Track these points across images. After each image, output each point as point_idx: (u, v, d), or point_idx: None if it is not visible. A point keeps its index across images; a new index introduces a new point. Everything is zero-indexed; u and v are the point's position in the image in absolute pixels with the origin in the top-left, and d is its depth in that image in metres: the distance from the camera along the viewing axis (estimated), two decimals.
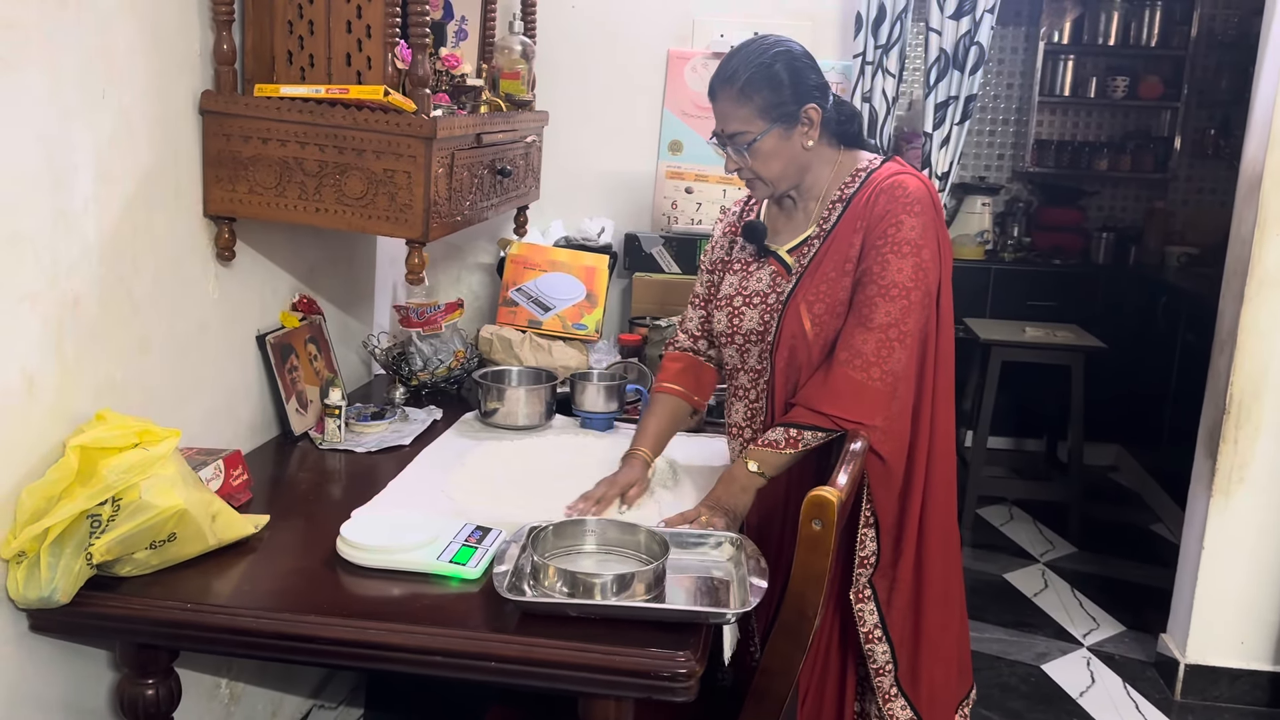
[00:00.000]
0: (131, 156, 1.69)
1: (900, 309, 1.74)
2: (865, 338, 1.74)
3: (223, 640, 1.48)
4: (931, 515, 1.85)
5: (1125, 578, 3.83)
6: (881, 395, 1.74)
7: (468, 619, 1.46)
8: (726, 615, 1.46)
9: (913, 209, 1.76)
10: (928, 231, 1.76)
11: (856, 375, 1.74)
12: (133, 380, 1.75)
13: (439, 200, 1.89)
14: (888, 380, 1.74)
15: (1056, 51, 5.14)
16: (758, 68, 1.78)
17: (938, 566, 1.85)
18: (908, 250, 1.75)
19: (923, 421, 1.81)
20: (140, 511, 1.48)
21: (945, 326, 1.84)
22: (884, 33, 2.54)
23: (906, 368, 1.76)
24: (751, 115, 1.79)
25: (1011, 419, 4.96)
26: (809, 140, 1.82)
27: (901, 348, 1.74)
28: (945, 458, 1.86)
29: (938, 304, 1.81)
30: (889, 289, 1.75)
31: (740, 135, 1.81)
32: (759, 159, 1.81)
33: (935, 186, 1.87)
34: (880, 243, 1.76)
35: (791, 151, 1.82)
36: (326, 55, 1.89)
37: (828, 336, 1.80)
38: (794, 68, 1.79)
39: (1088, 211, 5.31)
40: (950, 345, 1.86)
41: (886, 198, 1.77)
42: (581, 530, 1.63)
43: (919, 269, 1.75)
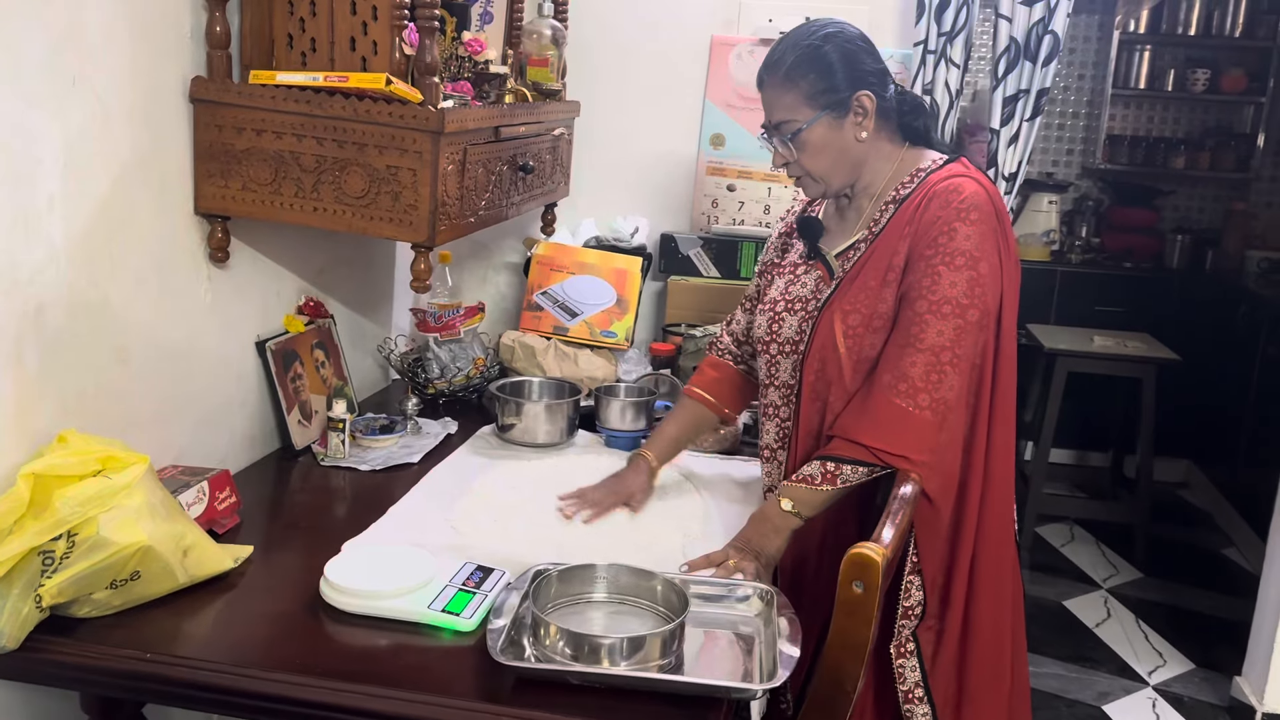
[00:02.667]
0: (107, 149, 1.54)
1: (954, 329, 1.53)
2: (914, 360, 1.54)
3: (183, 696, 1.33)
4: (984, 560, 1.64)
5: (1195, 608, 3.56)
6: (929, 427, 1.53)
7: (455, 683, 1.28)
8: (753, 691, 1.26)
9: (968, 216, 1.55)
10: (986, 242, 1.55)
11: (901, 402, 1.53)
12: (108, 393, 1.59)
13: (448, 200, 1.72)
14: (938, 409, 1.53)
15: (1132, 41, 4.84)
16: (805, 50, 1.61)
17: (987, 616, 1.64)
18: (962, 262, 1.54)
19: (975, 456, 1.60)
20: (98, 548, 1.33)
21: (1006, 351, 1.63)
22: (948, 19, 2.31)
23: (959, 396, 1.55)
24: (798, 102, 1.62)
25: (1075, 430, 4.69)
26: (863, 132, 1.63)
27: (954, 372, 1.54)
28: (1002, 498, 1.65)
29: (998, 325, 1.60)
30: (940, 305, 1.54)
31: (786, 124, 1.64)
32: (806, 151, 1.64)
33: (1000, 191, 1.65)
34: (930, 252, 1.56)
35: (843, 143, 1.63)
36: (329, 39, 1.73)
37: (862, 352, 1.61)
38: (846, 51, 1.61)
39: (1162, 212, 5.01)
40: (1011, 373, 1.65)
41: (939, 202, 1.57)
42: (591, 576, 1.44)
43: (975, 284, 1.54)
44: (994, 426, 1.63)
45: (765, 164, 2.59)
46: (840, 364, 1.62)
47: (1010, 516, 1.70)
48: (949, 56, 2.34)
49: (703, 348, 2.36)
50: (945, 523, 1.60)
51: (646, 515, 1.79)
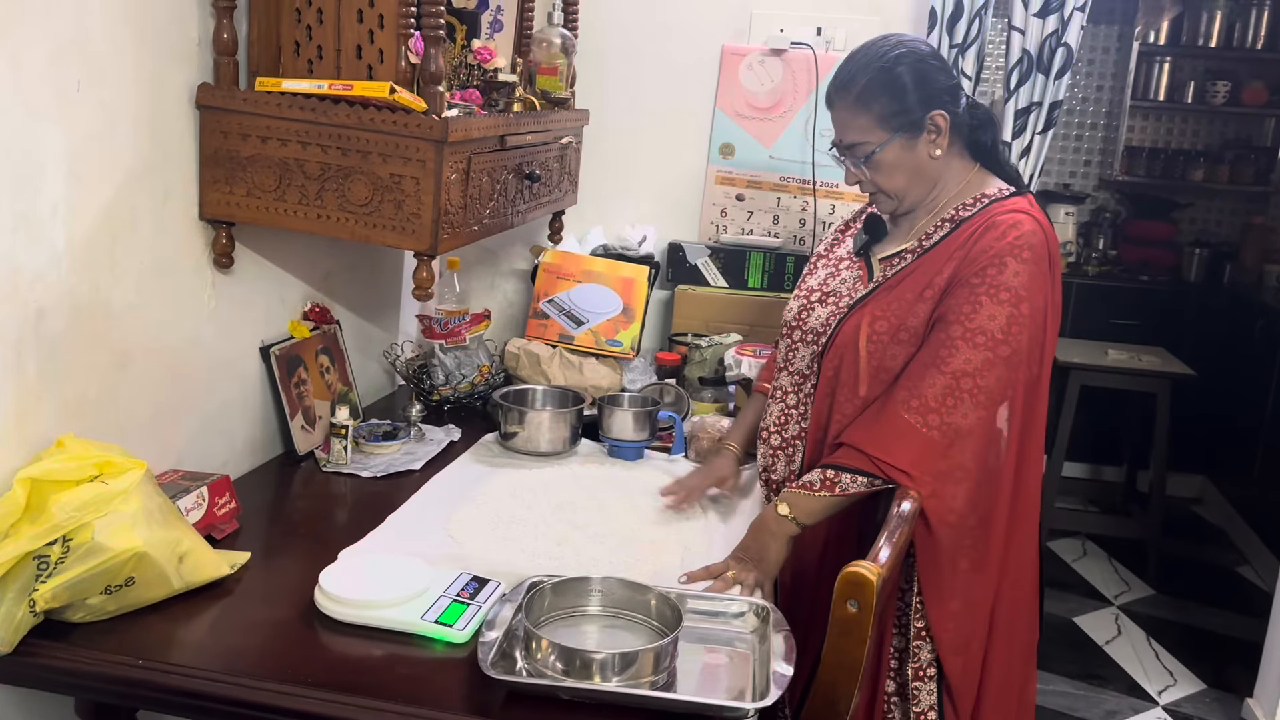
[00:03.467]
0: (112, 155, 1.54)
1: (983, 360, 1.51)
2: (933, 380, 1.53)
3: (174, 703, 1.32)
4: (1004, 601, 1.62)
5: (1207, 627, 3.52)
6: (934, 447, 1.52)
7: (446, 696, 1.28)
8: (744, 710, 1.25)
9: (1021, 253, 1.53)
10: (1035, 284, 1.53)
11: (910, 418, 1.52)
12: (109, 398, 1.60)
13: (451, 209, 1.71)
14: (945, 432, 1.52)
15: (1152, 52, 4.81)
16: (877, 72, 1.60)
17: (1001, 652, 1.62)
18: (1006, 297, 1.52)
19: (1000, 497, 1.57)
20: (93, 554, 1.33)
21: (1040, 395, 1.60)
22: (960, 30, 2.30)
23: (972, 427, 1.52)
24: (871, 124, 1.61)
25: (1089, 444, 4.66)
26: (936, 150, 1.62)
27: (971, 402, 1.52)
28: (1026, 539, 1.63)
29: (1039, 371, 1.57)
30: (974, 335, 1.52)
31: (859, 146, 1.63)
32: (880, 171, 1.64)
33: (1057, 236, 1.64)
34: (976, 281, 1.54)
35: (917, 162, 1.63)
36: (336, 47, 1.73)
37: (883, 361, 1.60)
38: (919, 70, 1.60)
39: (1180, 225, 4.97)
40: (1042, 417, 1.63)
41: (995, 234, 1.55)
42: (586, 589, 1.44)
43: (1014, 321, 1.52)
44: (1023, 466, 1.60)
45: (775, 174, 2.58)
46: (857, 367, 1.62)
47: (1033, 556, 1.68)
48: (961, 68, 2.32)
49: (708, 358, 2.35)
50: (945, 554, 1.57)
51: (647, 526, 1.78)
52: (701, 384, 2.34)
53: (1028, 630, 1.69)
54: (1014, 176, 1.69)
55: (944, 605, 1.57)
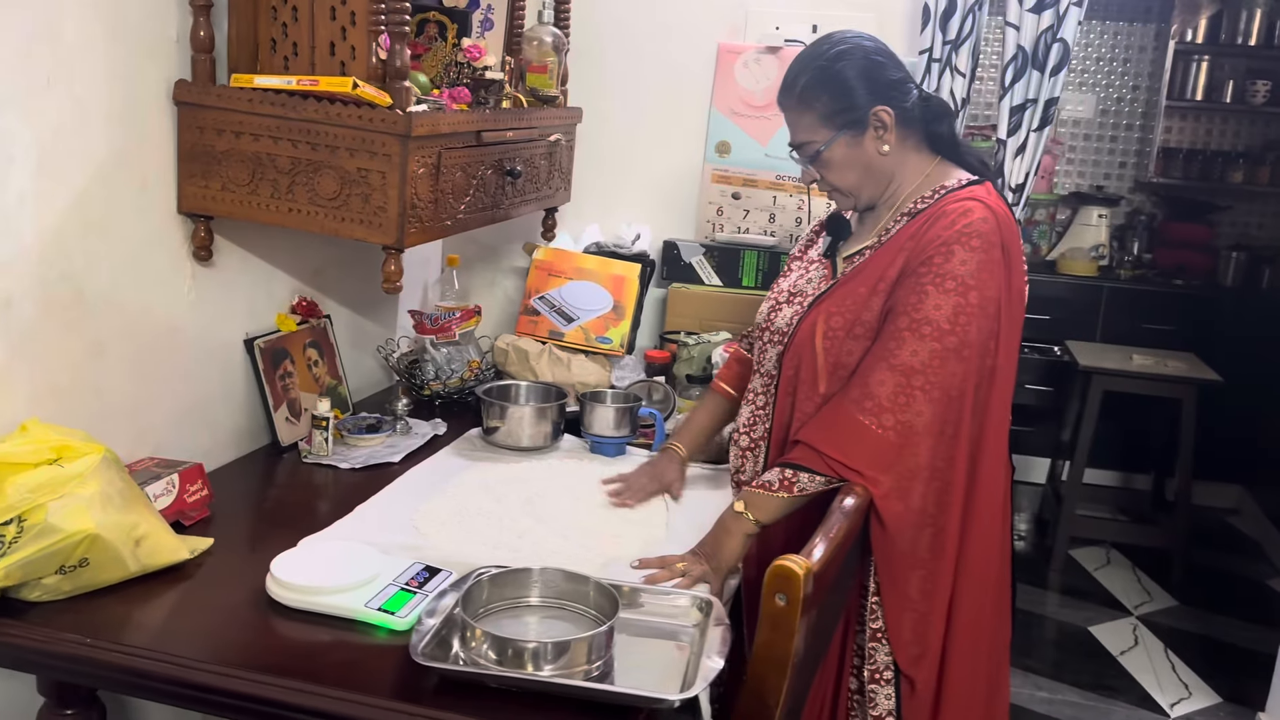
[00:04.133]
0: (83, 149, 1.58)
1: (930, 352, 1.50)
2: (883, 378, 1.51)
3: (118, 681, 1.36)
4: (964, 602, 1.59)
5: (1229, 639, 3.43)
6: (889, 447, 1.50)
7: (379, 681, 1.29)
8: (669, 701, 1.25)
9: (969, 242, 1.51)
10: (984, 272, 1.51)
11: (864, 419, 1.50)
12: (82, 386, 1.64)
13: (419, 203, 1.73)
14: (901, 432, 1.50)
15: (1189, 51, 4.69)
16: (816, 71, 1.60)
17: (965, 656, 1.59)
18: (952, 286, 1.50)
19: (954, 493, 1.55)
20: (45, 534, 1.36)
21: (1000, 385, 1.57)
22: (954, 27, 2.27)
23: (928, 423, 1.50)
24: (815, 123, 1.61)
25: (1118, 451, 4.56)
26: (884, 145, 1.61)
27: (925, 398, 1.50)
28: (985, 536, 1.59)
29: (993, 362, 1.54)
30: (920, 325, 1.50)
31: (806, 145, 1.64)
32: (830, 169, 1.64)
33: (1014, 222, 1.60)
34: (922, 270, 1.52)
35: (866, 159, 1.62)
36: (310, 44, 1.76)
37: (839, 358, 1.58)
38: (860, 67, 1.59)
39: (1218, 228, 4.84)
40: (1005, 407, 1.60)
41: (944, 222, 1.54)
42: (527, 580, 1.44)
43: (961, 311, 1.50)
44: (980, 461, 1.57)
45: (771, 173, 2.57)
46: (815, 364, 1.60)
47: (996, 556, 1.64)
48: (954, 65, 2.29)
49: (696, 356, 2.35)
50: (902, 555, 1.55)
51: (613, 521, 1.78)
52: (689, 381, 2.34)
53: (993, 633, 1.66)
54: (977, 166, 1.66)
55: (900, 604, 1.55)
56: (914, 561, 1.54)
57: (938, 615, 1.57)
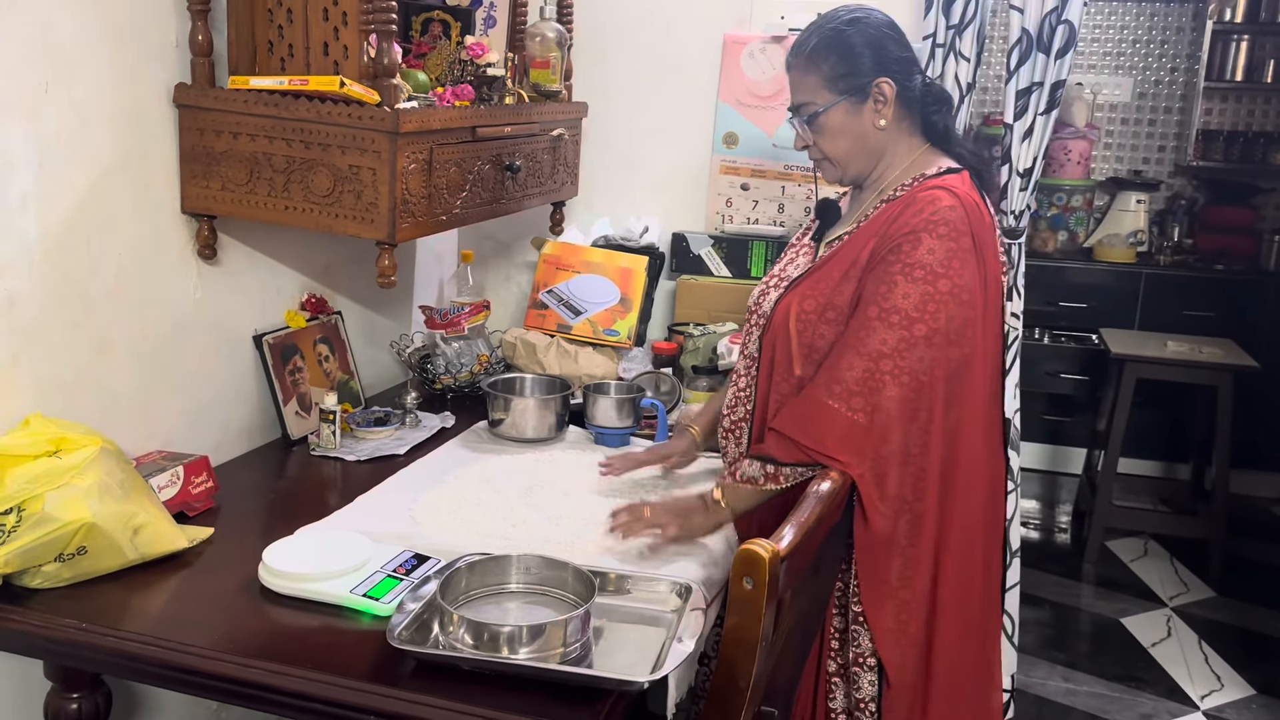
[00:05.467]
0: (85, 152, 1.64)
1: (898, 339, 1.50)
2: (852, 363, 1.51)
3: (113, 664, 1.41)
4: (945, 599, 1.58)
5: (1266, 630, 3.35)
6: (860, 430, 1.50)
7: (357, 664, 1.32)
8: (638, 683, 1.27)
9: (936, 229, 1.51)
10: (955, 260, 1.51)
11: (833, 403, 1.51)
12: (88, 382, 1.70)
13: (411, 198, 1.76)
14: (871, 414, 1.50)
15: (1228, 31, 4.58)
16: (829, 33, 1.63)
17: (952, 644, 1.58)
18: (920, 275, 1.51)
19: (929, 480, 1.54)
20: (43, 523, 1.42)
21: (979, 371, 1.56)
22: (957, 10, 2.25)
23: (898, 408, 1.50)
24: (818, 85, 1.63)
25: (1158, 440, 4.47)
26: (881, 120, 1.62)
27: (894, 382, 1.49)
28: (966, 522, 1.58)
29: (971, 349, 1.54)
30: (889, 314, 1.51)
31: (805, 106, 1.65)
32: (825, 135, 1.65)
33: (989, 211, 1.60)
34: (891, 258, 1.53)
35: (861, 129, 1.63)
36: (305, 45, 1.80)
37: (813, 341, 1.59)
38: (870, 36, 1.62)
39: (1262, 211, 4.72)
40: (984, 394, 1.58)
41: (913, 210, 1.55)
42: (507, 567, 1.47)
43: (929, 299, 1.50)
44: (959, 449, 1.56)
45: (779, 163, 2.56)
46: (790, 347, 1.61)
47: (980, 547, 1.63)
48: (958, 50, 2.27)
49: (701, 347, 2.36)
50: (882, 540, 1.54)
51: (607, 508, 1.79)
52: (695, 372, 2.35)
53: (981, 622, 1.64)
54: (967, 158, 1.65)
55: (880, 590, 1.55)
56: (892, 548, 1.54)
57: (919, 603, 1.56)
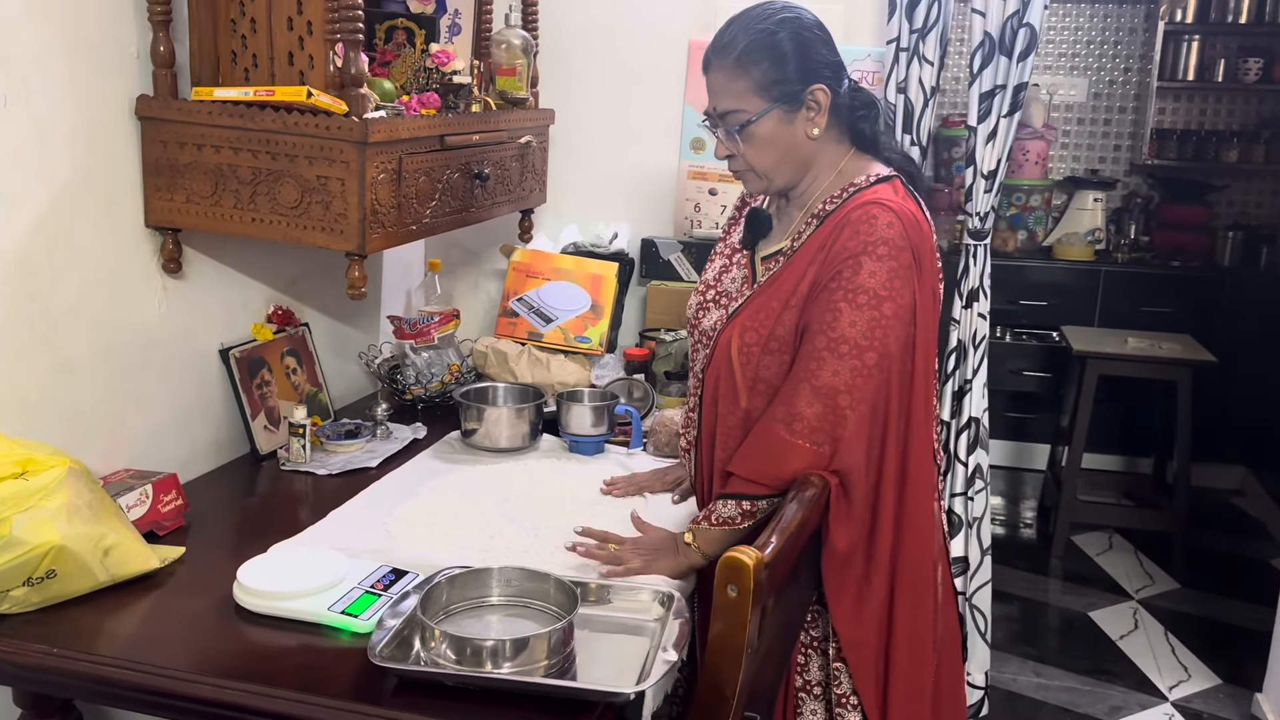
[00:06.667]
0: (44, 168, 1.61)
1: (851, 370, 1.47)
2: (810, 400, 1.49)
3: (86, 689, 1.38)
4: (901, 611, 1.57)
5: (1230, 621, 3.41)
6: (826, 457, 1.50)
7: (338, 683, 1.30)
8: (624, 694, 1.26)
9: (875, 251, 1.47)
10: (896, 280, 1.47)
11: (796, 440, 1.49)
12: (52, 401, 1.66)
13: (380, 209, 1.75)
14: (838, 447, 1.50)
15: (1179, 31, 4.67)
16: (758, 35, 1.52)
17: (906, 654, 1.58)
18: (864, 300, 1.47)
19: (884, 499, 1.53)
20: (10, 547, 1.38)
21: (919, 392, 1.55)
22: (920, 15, 2.27)
23: (859, 433, 1.49)
24: (748, 91, 1.53)
25: (1120, 435, 4.54)
26: (814, 128, 1.55)
27: (853, 415, 1.48)
28: (917, 538, 1.57)
29: (911, 367, 1.52)
30: (838, 344, 1.48)
31: (734, 114, 1.55)
32: (753, 144, 1.56)
33: (925, 221, 1.55)
34: (833, 285, 1.48)
35: (792, 139, 1.56)
36: (269, 55, 1.77)
37: (757, 372, 1.56)
38: (802, 39, 1.53)
39: (1215, 208, 4.81)
40: (927, 412, 1.57)
41: (849, 232, 1.49)
42: (488, 580, 1.45)
43: (876, 325, 1.47)
44: (907, 464, 1.55)
45: None
46: (734, 380, 1.58)
47: (929, 570, 1.61)
48: (922, 54, 2.29)
49: (674, 352, 2.36)
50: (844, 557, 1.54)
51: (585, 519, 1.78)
52: (668, 378, 2.35)
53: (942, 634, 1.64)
54: (899, 162, 1.61)
55: (841, 603, 1.54)
56: (854, 555, 1.54)
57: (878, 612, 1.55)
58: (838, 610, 1.55)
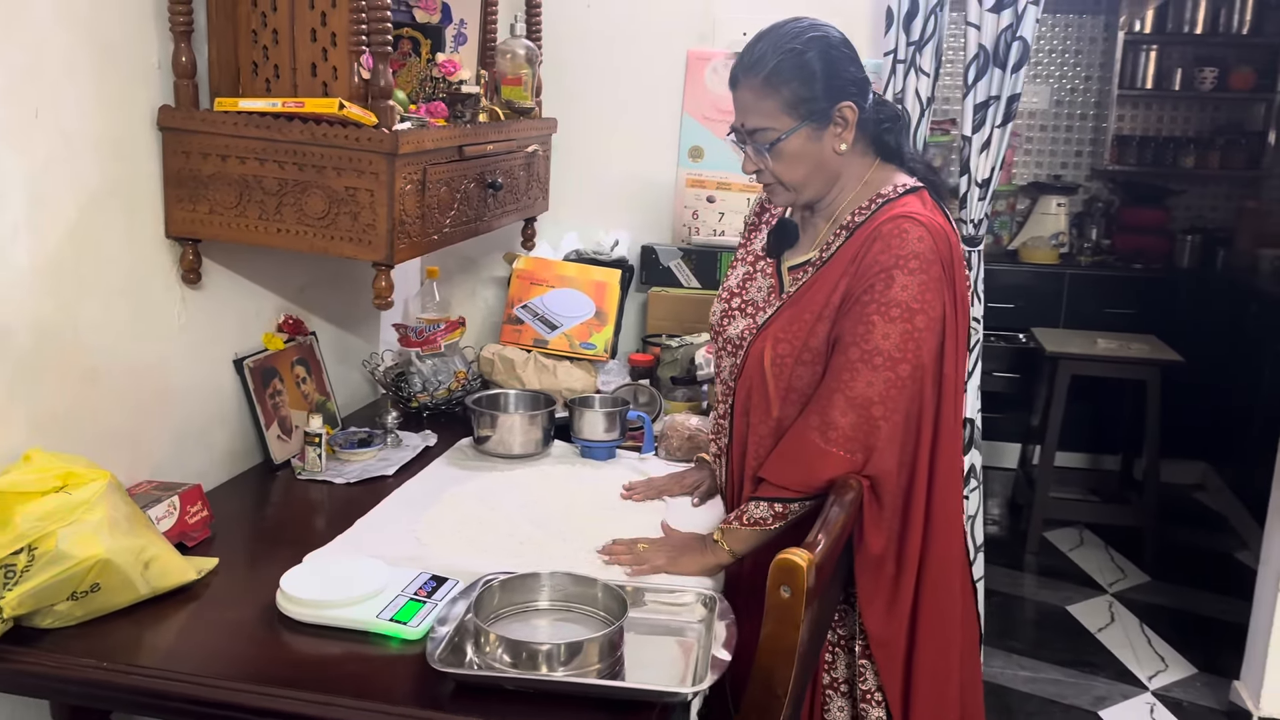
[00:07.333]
0: (73, 177, 1.60)
1: (884, 381, 1.52)
2: (845, 410, 1.53)
3: (138, 703, 1.37)
4: (926, 620, 1.61)
5: (1201, 612, 3.53)
6: (859, 464, 1.54)
7: (396, 689, 1.32)
8: (683, 694, 1.29)
9: (907, 265, 1.51)
10: (928, 293, 1.51)
11: (831, 448, 1.53)
12: (80, 413, 1.65)
13: (407, 219, 1.76)
14: (871, 455, 1.54)
15: (1138, 41, 4.81)
16: (788, 54, 1.55)
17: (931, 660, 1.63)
18: (897, 314, 1.51)
19: (914, 512, 1.57)
20: (57, 561, 1.38)
21: (948, 406, 1.58)
22: (917, 28, 2.33)
23: (892, 442, 1.54)
24: (777, 109, 1.56)
25: (1086, 433, 4.66)
26: (841, 144, 1.59)
27: (886, 425, 1.53)
28: (945, 551, 1.60)
29: (940, 376, 1.56)
30: (871, 356, 1.52)
31: (763, 132, 1.58)
32: (782, 160, 1.59)
33: (953, 233, 1.59)
34: (866, 298, 1.53)
35: (821, 155, 1.59)
36: (291, 66, 1.78)
37: (790, 383, 1.60)
38: (830, 57, 1.56)
39: (1173, 212, 4.96)
40: (956, 425, 1.61)
41: (880, 245, 1.53)
42: (536, 585, 1.48)
43: (909, 337, 1.51)
44: (936, 468, 1.58)
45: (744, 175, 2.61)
46: (766, 389, 1.62)
47: (956, 570, 1.65)
48: (919, 65, 2.35)
49: (679, 358, 2.39)
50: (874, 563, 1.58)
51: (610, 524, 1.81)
52: (674, 383, 2.38)
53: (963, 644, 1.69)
54: (923, 172, 1.65)
55: (874, 604, 1.58)
56: (886, 557, 1.58)
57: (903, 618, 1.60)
58: (870, 611, 1.59)
